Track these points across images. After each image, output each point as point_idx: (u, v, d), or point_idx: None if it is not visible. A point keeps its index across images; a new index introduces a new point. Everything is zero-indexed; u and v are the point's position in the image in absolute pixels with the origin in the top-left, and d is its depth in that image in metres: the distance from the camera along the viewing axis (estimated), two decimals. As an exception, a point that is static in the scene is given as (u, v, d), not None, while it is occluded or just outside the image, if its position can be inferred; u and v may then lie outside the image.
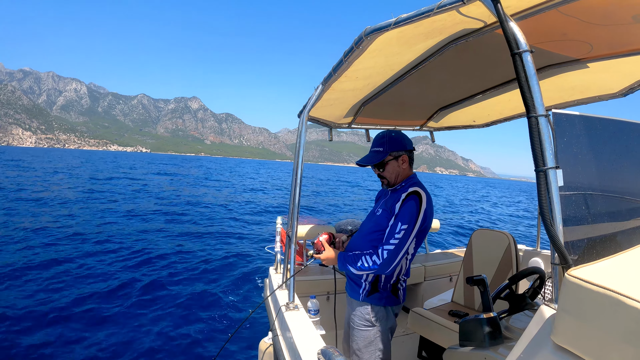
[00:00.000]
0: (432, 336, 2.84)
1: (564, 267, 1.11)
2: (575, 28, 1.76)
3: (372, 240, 2.23)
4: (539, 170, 1.12)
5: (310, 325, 2.27)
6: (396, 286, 2.26)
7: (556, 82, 2.56)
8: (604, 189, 1.46)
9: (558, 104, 3.05)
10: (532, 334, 1.13)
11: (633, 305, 0.84)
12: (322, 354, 1.66)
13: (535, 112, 1.14)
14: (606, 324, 0.90)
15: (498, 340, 1.62)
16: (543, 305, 1.16)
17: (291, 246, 2.56)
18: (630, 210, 1.61)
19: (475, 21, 1.58)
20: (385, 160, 2.28)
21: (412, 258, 2.28)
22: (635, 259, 1.16)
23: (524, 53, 1.16)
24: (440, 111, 3.41)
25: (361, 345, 2.23)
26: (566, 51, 2.13)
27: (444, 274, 4.15)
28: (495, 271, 3.00)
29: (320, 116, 3.10)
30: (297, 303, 2.52)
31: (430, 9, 1.36)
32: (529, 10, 1.49)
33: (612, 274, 1.02)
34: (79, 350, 4.71)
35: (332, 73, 2.06)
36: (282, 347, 2.29)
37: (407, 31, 1.60)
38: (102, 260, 8.60)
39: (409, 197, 2.12)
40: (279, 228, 3.74)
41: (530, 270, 2.02)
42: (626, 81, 2.55)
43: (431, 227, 4.19)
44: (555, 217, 1.12)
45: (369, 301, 2.23)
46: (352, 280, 2.33)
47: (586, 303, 0.94)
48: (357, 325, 2.26)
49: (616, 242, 1.43)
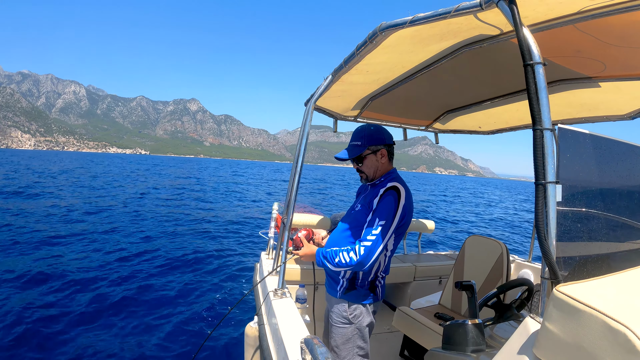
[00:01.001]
0: (416, 336, 2.86)
1: (553, 282, 1.12)
2: (590, 46, 1.75)
3: (350, 236, 2.21)
4: (539, 184, 1.12)
5: (296, 313, 2.28)
6: (374, 283, 2.24)
7: (565, 98, 2.55)
8: (602, 208, 1.46)
9: (565, 120, 3.04)
10: (514, 344, 1.14)
11: (617, 327, 0.85)
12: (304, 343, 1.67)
13: (541, 125, 1.13)
14: (589, 343, 0.91)
15: (481, 347, 1.63)
16: (528, 318, 1.17)
17: (285, 233, 2.56)
18: (625, 233, 1.61)
19: (491, 28, 1.57)
20: (363, 154, 2.25)
21: (392, 254, 2.25)
22: (625, 282, 1.17)
23: (536, 65, 1.15)
24: (447, 114, 3.40)
25: (339, 342, 2.23)
26: (579, 68, 2.12)
27: (434, 276, 4.17)
28: (485, 278, 3.01)
29: (327, 106, 3.09)
30: (286, 290, 2.53)
31: (447, 11, 1.35)
32: (546, 22, 1.48)
33: (600, 294, 1.02)
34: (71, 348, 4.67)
35: (343, 65, 2.05)
36: (267, 333, 2.31)
37: (422, 31, 1.59)
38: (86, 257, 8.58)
39: (387, 193, 2.09)
40: (274, 214, 3.74)
41: (519, 282, 2.02)
42: (636, 104, 2.54)
43: (426, 228, 4.22)
44: (550, 231, 1.12)
45: (347, 298, 2.21)
46: (330, 277, 2.31)
47: (571, 320, 0.95)
48: (335, 322, 2.24)
49: (608, 263, 1.43)
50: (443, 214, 22.03)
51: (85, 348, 4.50)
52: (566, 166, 1.25)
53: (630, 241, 1.61)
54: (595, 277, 1.15)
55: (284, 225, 2.60)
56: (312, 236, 2.48)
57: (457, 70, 2.28)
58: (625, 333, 0.84)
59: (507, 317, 1.92)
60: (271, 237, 3.54)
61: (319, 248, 2.28)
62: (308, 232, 2.44)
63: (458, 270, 3.30)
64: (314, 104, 2.51)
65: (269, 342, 2.22)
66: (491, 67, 2.25)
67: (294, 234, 2.42)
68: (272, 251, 3.47)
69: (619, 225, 1.57)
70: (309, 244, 2.36)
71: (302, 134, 2.59)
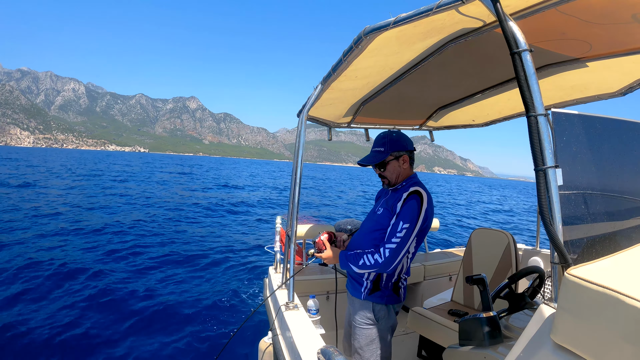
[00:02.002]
0: (432, 335, 2.84)
1: (563, 266, 1.11)
2: (574, 27, 1.76)
3: (373, 239, 2.23)
4: (539, 170, 1.12)
5: (309, 324, 2.27)
6: (397, 285, 2.27)
7: (555, 81, 2.56)
8: (603, 188, 1.46)
9: (557, 103, 3.05)
10: (531, 333, 1.13)
11: (632, 304, 0.84)
12: (321, 353, 1.66)
13: (534, 111, 1.14)
14: (606, 323, 0.90)
15: (498, 339, 1.62)
16: (542, 305, 1.16)
17: (291, 246, 2.56)
18: (629, 210, 1.61)
19: (474, 20, 1.58)
20: (386, 160, 2.29)
21: (413, 257, 2.28)
22: (634, 258, 1.16)
23: (523, 52, 1.16)
24: (439, 110, 3.41)
25: (363, 344, 2.24)
26: (565, 50, 2.13)
27: (443, 273, 4.15)
28: (494, 270, 3.00)
29: (320, 115, 3.10)
30: (297, 302, 2.52)
31: (429, 9, 1.36)
32: (528, 9, 1.49)
33: (611, 272, 1.02)
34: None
35: (332, 72, 2.06)
36: (282, 347, 2.29)
37: (406, 30, 1.60)
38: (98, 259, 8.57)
39: (411, 197, 2.12)
40: (278, 228, 3.74)
41: (529, 270, 2.02)
42: (625, 80, 2.55)
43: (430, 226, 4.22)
44: (554, 216, 1.12)
45: (371, 299, 2.23)
46: (353, 278, 2.33)
47: (586, 302, 0.94)
48: (359, 323, 2.26)
49: (615, 241, 1.43)
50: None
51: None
52: (563, 149, 1.26)
53: (634, 217, 1.61)
54: (604, 256, 1.14)
55: (289, 238, 2.59)
56: (334, 238, 2.49)
57: (445, 66, 2.29)
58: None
59: (521, 307, 1.92)
60: (277, 252, 3.53)
61: (341, 251, 2.30)
62: (330, 235, 2.44)
63: (467, 265, 3.29)
64: (306, 114, 2.52)
65: (285, 355, 2.20)
66: (478, 59, 2.26)
67: (316, 237, 2.44)
68: (279, 265, 3.46)
69: (622, 203, 1.57)
70: (331, 246, 2.38)
71: (298, 145, 2.60)
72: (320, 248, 2.37)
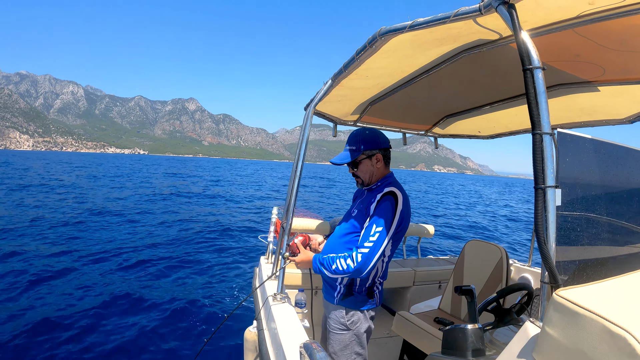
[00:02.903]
0: (416, 341, 2.85)
1: (552, 286, 1.12)
2: (589, 50, 1.76)
3: (347, 242, 2.18)
4: (539, 188, 1.12)
5: (295, 318, 2.27)
6: (372, 289, 2.21)
7: (565, 102, 2.56)
8: (601, 212, 1.46)
9: (564, 124, 3.05)
10: (514, 349, 1.14)
11: (617, 331, 0.85)
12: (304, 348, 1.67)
13: (540, 129, 1.14)
14: (589, 347, 0.90)
15: (480, 352, 1.62)
16: (528, 322, 1.16)
17: (284, 237, 2.56)
18: (625, 237, 1.61)
19: (490, 32, 1.57)
20: (358, 159, 2.24)
21: (389, 260, 2.23)
22: (625, 286, 1.17)
23: (535, 69, 1.16)
24: (446, 118, 3.41)
25: (337, 349, 2.20)
26: (578, 72, 2.13)
27: (433, 281, 4.16)
28: (484, 283, 3.00)
29: (327, 111, 3.10)
30: (285, 295, 2.52)
31: (447, 16, 1.36)
32: (545, 27, 1.48)
33: (600, 298, 1.02)
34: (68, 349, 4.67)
35: (343, 70, 2.05)
36: (266, 337, 2.30)
37: (421, 35, 1.60)
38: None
39: (384, 198, 2.06)
40: (274, 218, 3.74)
41: (519, 286, 2.02)
42: (635, 108, 2.55)
43: (425, 232, 4.22)
44: (549, 235, 1.12)
45: (344, 304, 2.19)
46: (327, 283, 2.29)
47: (571, 324, 0.95)
48: (333, 328, 2.22)
49: (607, 267, 1.43)
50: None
51: (73, 350, 4.54)
52: (565, 170, 1.25)
53: (629, 245, 1.61)
54: (595, 281, 1.14)
55: (283, 230, 2.59)
56: (309, 242, 2.45)
57: (456, 75, 2.28)
58: (624, 337, 0.84)
59: (506, 322, 1.92)
60: (270, 242, 3.54)
61: (315, 254, 2.24)
62: (305, 238, 2.40)
63: (458, 275, 3.29)
64: (313, 108, 2.51)
65: (268, 347, 2.21)
66: (490, 71, 2.25)
67: (290, 239, 2.40)
68: (271, 256, 3.46)
69: (619, 229, 1.57)
70: (305, 250, 2.33)
71: (302, 138, 2.60)
72: (294, 252, 2.33)
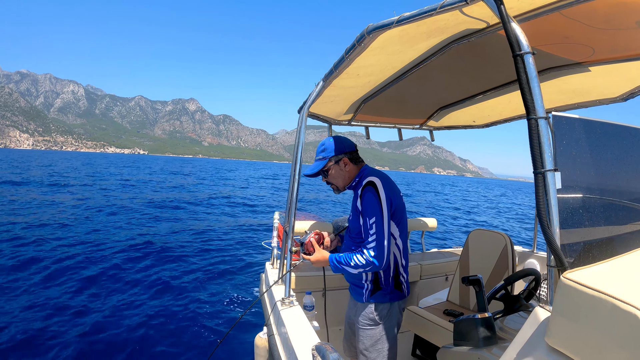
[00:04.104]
0: (427, 335, 2.84)
1: (559, 269, 1.11)
2: (577, 31, 1.76)
3: (353, 244, 2.23)
4: (538, 173, 1.12)
5: (305, 321, 2.27)
6: (398, 280, 2.21)
7: (557, 85, 2.56)
8: (602, 192, 1.46)
9: (558, 107, 3.05)
10: (526, 335, 1.14)
11: (628, 309, 0.85)
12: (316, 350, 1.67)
13: (535, 114, 1.14)
14: (600, 328, 0.90)
15: (492, 340, 1.62)
16: (538, 307, 1.16)
17: (288, 241, 2.55)
18: (627, 215, 1.61)
19: (477, 21, 1.57)
20: (326, 167, 2.29)
21: (404, 243, 2.23)
22: (631, 264, 1.17)
23: (525, 55, 1.16)
24: (440, 110, 3.41)
25: (368, 345, 2.19)
26: (568, 54, 2.13)
27: (440, 273, 4.16)
28: (491, 272, 3.00)
29: (321, 112, 3.10)
30: (293, 299, 2.52)
31: (433, 8, 1.36)
32: (531, 12, 1.48)
33: (607, 277, 1.02)
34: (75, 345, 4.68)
35: (333, 70, 2.05)
36: (277, 342, 2.29)
37: (409, 30, 1.60)
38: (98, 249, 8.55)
39: (364, 190, 2.10)
40: (276, 223, 3.73)
41: (525, 272, 2.02)
42: (627, 86, 2.55)
43: (428, 226, 4.22)
44: (552, 219, 1.12)
45: (373, 300, 2.19)
46: (353, 283, 2.29)
47: (581, 306, 0.95)
48: (363, 325, 2.21)
49: (612, 246, 1.43)
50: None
51: (82, 350, 4.56)
52: (563, 153, 1.26)
53: (632, 223, 1.61)
54: (601, 261, 1.14)
55: (287, 234, 2.59)
56: (323, 239, 2.44)
57: (447, 66, 2.29)
58: (635, 314, 0.84)
59: (516, 309, 1.92)
60: (274, 247, 3.53)
61: (331, 254, 2.24)
62: (319, 236, 2.38)
63: (463, 266, 3.29)
64: (307, 110, 2.51)
65: (280, 351, 2.20)
66: (481, 60, 2.26)
67: (304, 238, 2.37)
68: (276, 261, 3.46)
69: (620, 208, 1.57)
70: (320, 249, 2.32)
71: (298, 141, 2.59)
72: (308, 250, 2.32)
